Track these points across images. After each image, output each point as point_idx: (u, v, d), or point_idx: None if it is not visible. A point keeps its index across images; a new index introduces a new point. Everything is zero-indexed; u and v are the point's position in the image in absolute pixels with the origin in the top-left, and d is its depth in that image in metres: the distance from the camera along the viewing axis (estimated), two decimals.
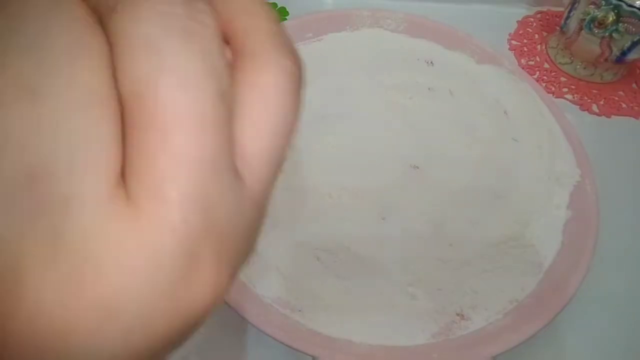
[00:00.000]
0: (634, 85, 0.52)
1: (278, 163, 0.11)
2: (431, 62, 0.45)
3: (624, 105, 0.49)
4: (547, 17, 0.58)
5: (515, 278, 0.34)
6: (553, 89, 0.50)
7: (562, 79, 0.51)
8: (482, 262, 0.34)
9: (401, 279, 0.33)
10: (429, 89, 0.44)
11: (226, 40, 0.10)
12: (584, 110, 0.49)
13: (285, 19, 0.54)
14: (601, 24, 0.45)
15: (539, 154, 0.40)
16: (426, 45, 0.47)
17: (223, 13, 0.10)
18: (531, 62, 0.53)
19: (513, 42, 0.55)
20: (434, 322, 0.32)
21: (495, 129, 0.41)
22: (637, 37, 0.44)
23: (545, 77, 0.51)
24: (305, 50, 0.46)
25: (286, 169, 0.37)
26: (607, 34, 0.45)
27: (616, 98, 0.50)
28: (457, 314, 0.32)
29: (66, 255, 0.08)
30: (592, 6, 0.45)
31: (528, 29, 0.57)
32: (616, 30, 0.44)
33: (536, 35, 0.56)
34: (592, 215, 0.35)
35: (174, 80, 0.08)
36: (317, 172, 0.38)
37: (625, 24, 0.44)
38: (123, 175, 0.09)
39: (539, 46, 0.55)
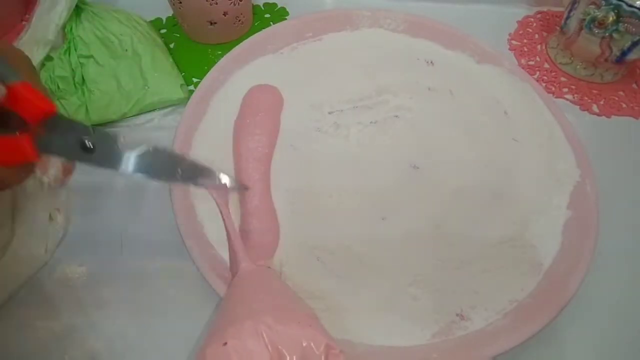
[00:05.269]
0: (634, 85, 0.52)
1: None
2: (431, 62, 0.45)
3: (624, 105, 0.49)
4: (547, 17, 0.58)
5: (515, 278, 0.34)
6: (553, 89, 0.50)
7: (562, 79, 0.51)
8: (482, 262, 0.34)
9: (401, 279, 0.33)
10: (429, 89, 0.43)
11: None
12: (584, 110, 0.49)
13: (285, 19, 0.54)
14: (601, 24, 0.45)
15: (539, 154, 0.40)
16: (426, 45, 0.47)
17: None
18: (531, 62, 0.53)
19: (513, 42, 0.55)
20: (434, 322, 0.32)
21: (495, 129, 0.41)
22: (637, 37, 0.44)
23: (545, 77, 0.51)
24: (305, 50, 0.46)
25: (287, 170, 0.37)
26: (607, 34, 0.45)
27: (616, 98, 0.50)
28: (457, 314, 0.32)
29: None
30: (592, 6, 0.45)
31: (528, 29, 0.57)
32: (616, 30, 0.44)
33: (536, 35, 0.56)
34: (592, 215, 0.35)
35: None
36: (317, 173, 0.38)
37: (626, 24, 0.44)
38: None
39: (539, 46, 0.55)
